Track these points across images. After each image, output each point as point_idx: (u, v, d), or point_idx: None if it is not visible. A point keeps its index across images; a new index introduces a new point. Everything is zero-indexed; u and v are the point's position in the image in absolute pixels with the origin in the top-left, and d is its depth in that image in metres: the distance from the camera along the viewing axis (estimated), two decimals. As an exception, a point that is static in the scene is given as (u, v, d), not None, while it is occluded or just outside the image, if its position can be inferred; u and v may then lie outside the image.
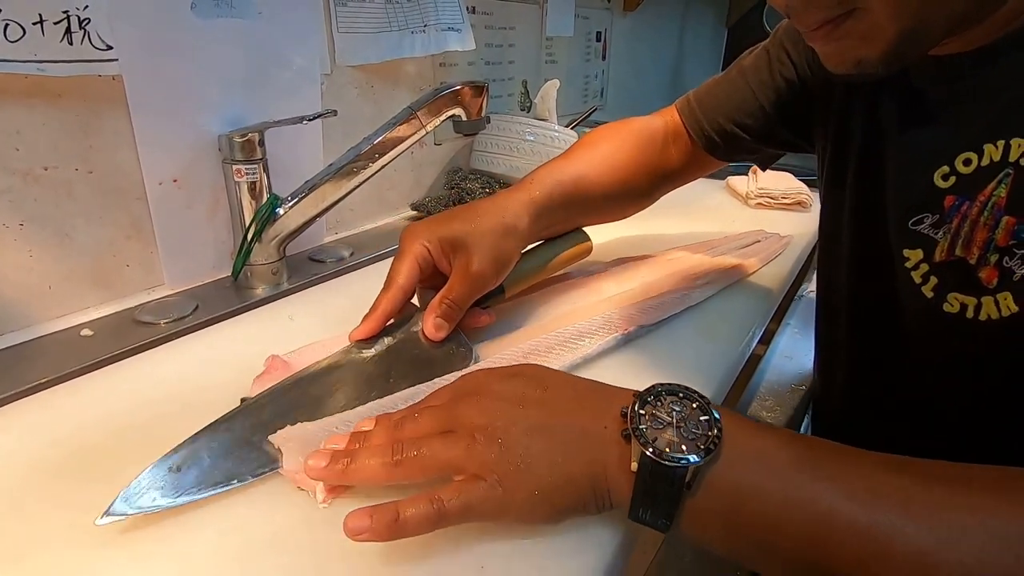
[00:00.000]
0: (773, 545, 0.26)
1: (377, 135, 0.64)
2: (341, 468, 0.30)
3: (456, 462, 0.29)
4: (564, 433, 0.29)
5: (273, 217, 0.62)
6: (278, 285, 0.66)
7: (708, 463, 0.26)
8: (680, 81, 1.81)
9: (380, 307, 0.42)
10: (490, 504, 0.27)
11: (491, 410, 0.29)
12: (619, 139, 0.58)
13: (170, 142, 0.57)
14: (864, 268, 0.42)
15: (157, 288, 0.62)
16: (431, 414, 0.32)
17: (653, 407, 0.28)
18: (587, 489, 0.28)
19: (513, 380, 0.31)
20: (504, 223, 0.45)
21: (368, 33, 0.75)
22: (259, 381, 0.40)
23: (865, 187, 0.41)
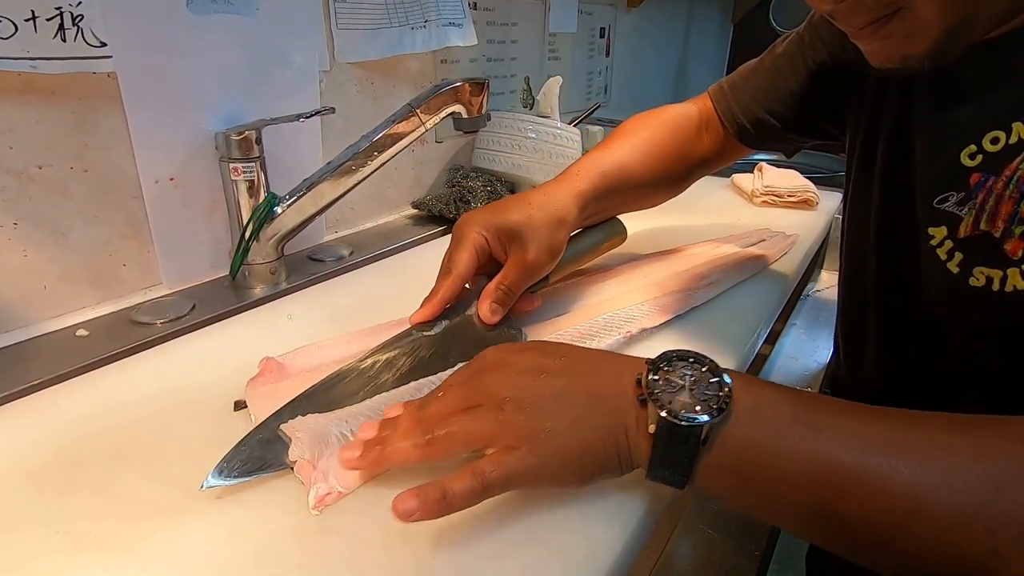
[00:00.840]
0: (781, 495, 0.27)
1: (376, 133, 0.64)
2: (375, 456, 0.31)
3: (487, 435, 0.30)
4: (585, 400, 0.30)
5: (271, 216, 0.62)
6: (276, 285, 0.65)
7: (720, 422, 0.28)
8: (685, 78, 1.79)
9: (440, 292, 0.45)
10: (527, 472, 0.29)
11: (514, 382, 0.31)
12: (656, 128, 0.58)
13: (166, 140, 0.57)
14: (891, 250, 0.42)
15: (154, 288, 0.62)
16: (454, 392, 0.32)
17: (666, 373, 0.29)
18: (612, 453, 0.30)
19: (530, 352, 0.33)
20: (556, 215, 0.48)
21: (368, 29, 0.74)
22: (252, 384, 0.40)
23: (893, 169, 0.42)
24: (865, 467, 0.26)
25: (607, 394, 0.30)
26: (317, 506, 0.31)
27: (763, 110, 0.56)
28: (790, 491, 0.27)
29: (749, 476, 0.28)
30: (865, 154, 0.45)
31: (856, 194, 0.47)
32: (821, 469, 0.26)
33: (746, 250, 0.68)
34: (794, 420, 0.28)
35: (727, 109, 0.59)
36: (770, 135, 0.57)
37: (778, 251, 0.68)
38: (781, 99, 0.54)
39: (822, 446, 0.27)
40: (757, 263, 0.64)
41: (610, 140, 0.58)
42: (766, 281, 0.62)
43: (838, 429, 0.27)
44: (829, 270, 0.96)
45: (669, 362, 0.30)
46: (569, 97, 1.21)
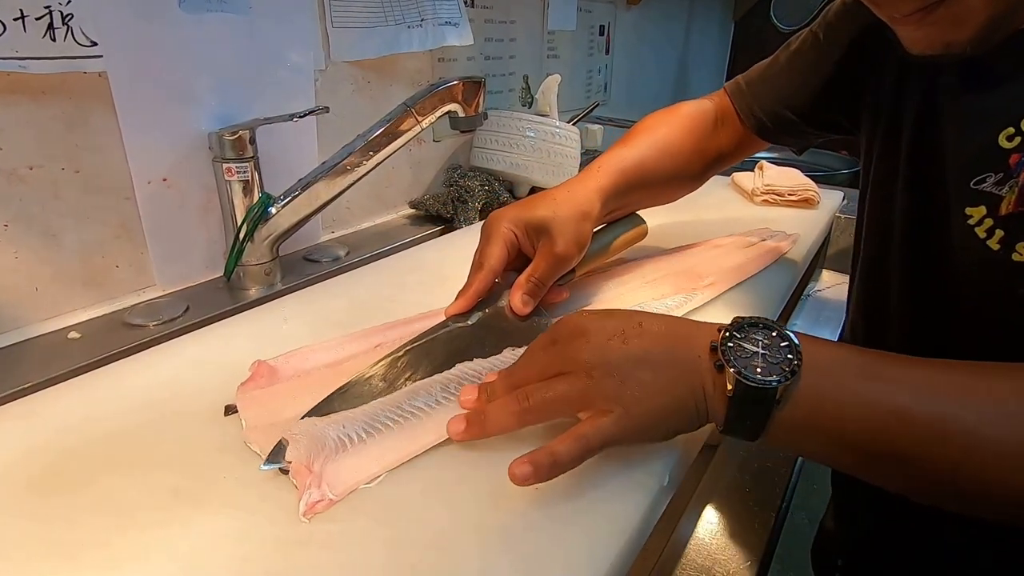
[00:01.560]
0: (848, 442, 0.30)
1: (371, 132, 0.63)
2: (479, 428, 0.34)
3: (581, 400, 0.32)
4: (666, 365, 0.32)
5: (265, 216, 0.61)
6: (272, 286, 0.65)
7: (792, 383, 0.30)
8: (686, 75, 1.78)
9: (474, 286, 0.47)
10: (622, 432, 0.32)
11: (600, 348, 0.33)
12: (673, 124, 0.60)
13: (159, 140, 0.56)
14: (920, 234, 0.43)
15: (148, 289, 0.61)
16: (542, 360, 0.35)
17: (739, 339, 0.32)
18: (691, 412, 0.32)
19: (610, 319, 0.34)
20: (581, 210, 0.50)
21: (363, 28, 0.74)
22: (243, 388, 0.39)
23: (921, 155, 0.43)
24: (925, 412, 0.29)
25: (684, 359, 0.32)
26: (307, 513, 0.30)
27: (781, 105, 0.57)
28: (856, 439, 0.30)
29: (818, 428, 0.31)
30: (887, 143, 0.46)
31: (877, 183, 0.48)
32: (885, 417, 0.29)
33: (746, 250, 0.67)
34: (859, 375, 0.31)
35: (745, 104, 0.60)
36: (787, 129, 0.58)
37: (778, 251, 0.67)
38: (798, 94, 0.55)
39: (885, 396, 0.30)
40: (757, 263, 0.63)
41: (629, 137, 0.59)
42: (766, 281, 0.62)
43: (899, 380, 0.30)
44: (830, 270, 0.95)
45: (741, 329, 0.32)
46: (568, 95, 1.20)
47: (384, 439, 0.35)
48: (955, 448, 0.28)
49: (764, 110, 0.58)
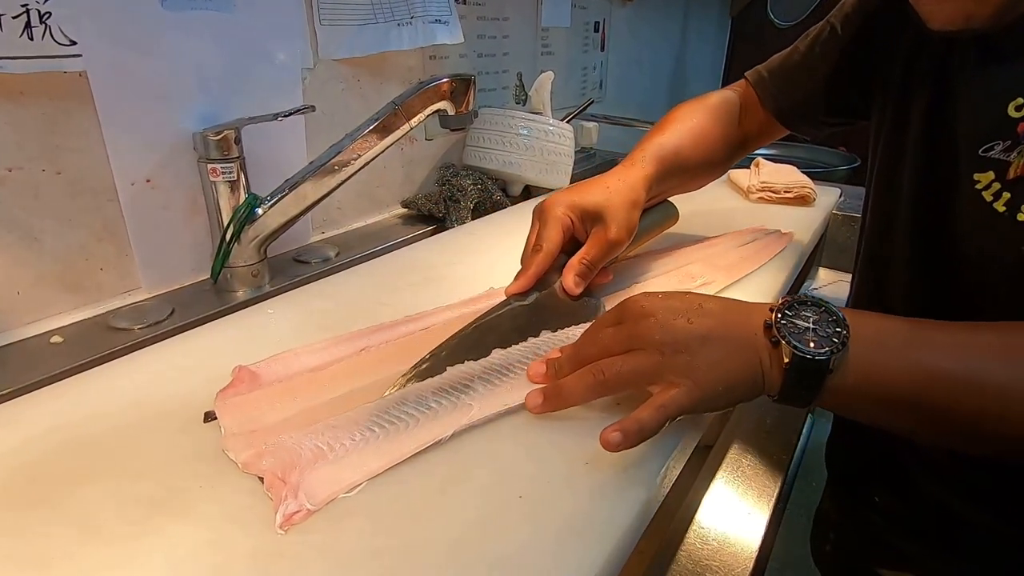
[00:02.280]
0: (894, 403, 0.34)
1: (359, 131, 0.62)
2: (556, 401, 0.37)
3: (652, 374, 0.35)
4: (728, 341, 0.35)
5: (252, 217, 0.60)
6: (260, 287, 0.64)
7: (843, 353, 0.33)
8: (683, 72, 1.77)
9: (533, 267, 0.49)
10: (693, 402, 0.34)
11: (669, 327, 0.36)
12: (703, 114, 0.63)
13: (142, 141, 0.55)
14: (929, 202, 0.46)
15: (134, 292, 0.60)
16: (612, 338, 0.37)
17: (791, 317, 0.35)
18: (750, 384, 0.35)
19: (674, 301, 0.37)
20: (631, 197, 0.53)
21: (352, 25, 0.73)
22: (223, 395, 0.38)
23: (932, 126, 0.45)
24: (963, 371, 0.33)
25: (743, 336, 0.36)
26: (284, 525, 0.30)
27: (801, 93, 0.60)
28: (902, 400, 0.33)
29: (866, 392, 0.34)
30: (897, 123, 0.49)
31: (885, 160, 0.50)
32: (927, 379, 0.33)
33: (740, 248, 0.66)
34: (902, 342, 0.34)
35: (768, 95, 0.62)
36: (807, 117, 0.61)
37: (773, 249, 0.67)
38: (817, 82, 0.58)
39: (927, 360, 0.33)
40: (751, 262, 0.62)
41: (664, 127, 0.62)
42: (761, 280, 0.61)
43: (938, 344, 0.34)
44: (827, 268, 0.94)
45: (791, 307, 0.36)
46: (564, 93, 1.19)
47: (367, 446, 0.34)
48: (991, 401, 0.32)
49: (786, 98, 0.61)
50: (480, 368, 0.40)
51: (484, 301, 0.52)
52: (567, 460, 0.35)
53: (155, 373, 0.44)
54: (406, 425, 0.36)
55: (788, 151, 1.46)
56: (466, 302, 0.52)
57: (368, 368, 0.42)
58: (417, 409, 0.37)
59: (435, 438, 0.35)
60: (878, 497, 0.55)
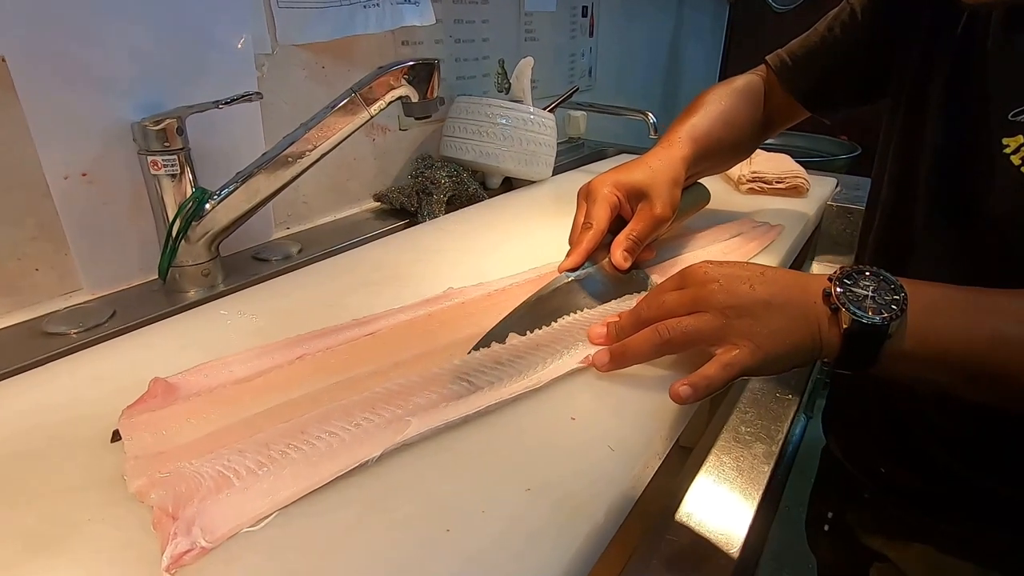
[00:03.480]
0: (950, 366, 0.35)
1: (314, 121, 0.58)
2: (621, 358, 0.39)
3: (717, 336, 0.37)
4: (789, 307, 0.37)
5: (200, 213, 0.56)
6: (212, 287, 0.60)
7: (901, 319, 0.35)
8: (678, 59, 1.71)
9: (583, 244, 0.51)
10: (755, 363, 0.36)
11: (733, 292, 0.37)
12: (732, 97, 0.64)
13: (74, 131, 0.51)
14: (952, 168, 0.46)
15: (75, 293, 0.57)
16: (675, 301, 0.39)
17: (850, 285, 0.36)
18: (808, 350, 0.37)
19: (735, 268, 0.39)
20: (672, 176, 0.54)
21: (313, 8, 0.68)
22: (130, 411, 0.34)
23: (956, 97, 0.46)
24: (1016, 334, 0.34)
25: (803, 303, 0.37)
26: (171, 567, 0.26)
27: (822, 75, 0.61)
28: (958, 363, 0.35)
29: (924, 357, 0.35)
30: (916, 99, 0.50)
31: (904, 136, 0.51)
32: (982, 342, 0.34)
33: (725, 243, 0.62)
34: (957, 308, 0.36)
35: (790, 78, 0.63)
36: (829, 99, 0.63)
37: (760, 243, 0.62)
38: (838, 64, 0.60)
39: (981, 324, 0.35)
40: (736, 258, 0.58)
41: (695, 110, 0.63)
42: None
43: (991, 309, 0.35)
44: (821, 261, 0.90)
45: (849, 276, 0.37)
46: (550, 81, 1.14)
47: (281, 471, 0.31)
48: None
49: (807, 82, 0.63)
50: (419, 378, 0.37)
51: (441, 302, 0.48)
52: (506, 487, 0.31)
53: (70, 385, 0.40)
54: (328, 446, 0.32)
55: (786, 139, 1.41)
56: (420, 304, 0.48)
57: (301, 378, 0.38)
58: (343, 427, 0.33)
59: (358, 461, 0.31)
60: (884, 468, 0.55)
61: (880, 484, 0.56)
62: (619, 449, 0.34)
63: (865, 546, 0.57)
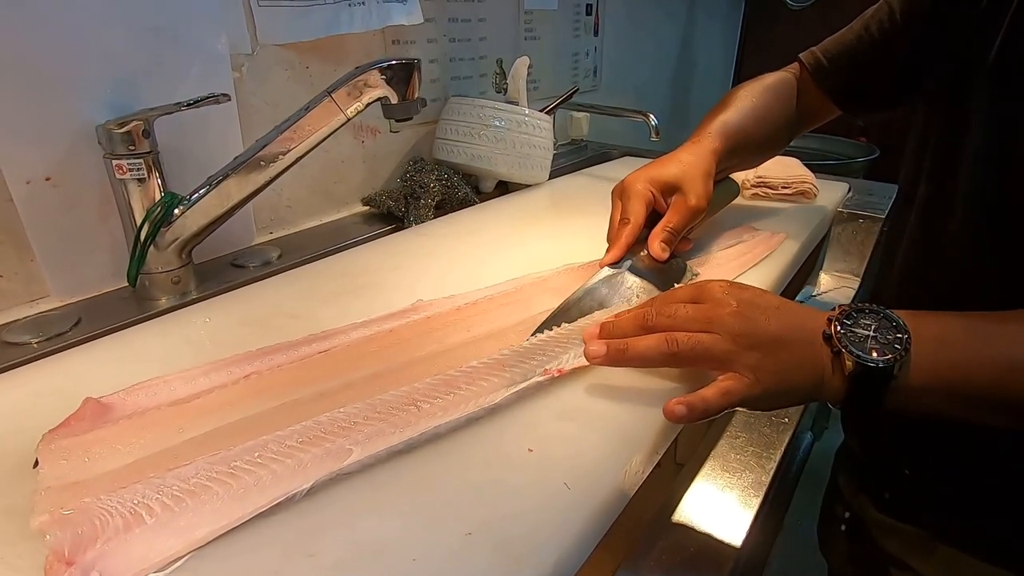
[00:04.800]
0: (962, 396, 0.35)
1: (287, 123, 0.56)
2: (621, 355, 0.37)
3: (724, 360, 0.36)
4: (797, 347, 0.36)
5: (169, 219, 0.54)
6: (184, 294, 0.58)
7: (906, 358, 0.34)
8: (690, 56, 1.66)
9: (623, 239, 0.52)
10: (754, 398, 0.36)
11: (749, 321, 0.36)
12: (764, 94, 0.64)
13: (35, 134, 0.50)
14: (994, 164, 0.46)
15: (42, 301, 0.55)
16: (686, 314, 0.38)
17: (850, 326, 0.36)
18: (811, 390, 0.37)
19: (753, 295, 0.38)
20: (704, 169, 0.55)
21: (295, 7, 0.66)
22: (52, 436, 0.32)
23: (1008, 79, 0.45)
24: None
25: (808, 343, 0.36)
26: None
27: (857, 75, 0.61)
28: (971, 392, 0.35)
29: (934, 390, 0.35)
30: (957, 97, 0.49)
31: (945, 133, 0.50)
32: (994, 370, 0.34)
33: (720, 253, 0.58)
34: (967, 339, 0.35)
35: (824, 77, 0.63)
36: (863, 99, 0.62)
37: (759, 253, 0.59)
38: (874, 64, 0.59)
39: (995, 353, 0.34)
40: (730, 269, 0.55)
41: (727, 105, 0.63)
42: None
43: (1000, 336, 0.35)
44: (830, 272, 0.85)
45: (849, 316, 0.36)
46: (551, 81, 1.11)
47: (200, 507, 0.28)
48: None
49: (842, 81, 0.62)
50: (363, 405, 0.34)
51: (407, 316, 0.46)
52: (445, 530, 0.28)
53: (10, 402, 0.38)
54: (256, 479, 0.29)
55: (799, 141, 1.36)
56: (384, 318, 0.45)
57: (242, 400, 0.35)
58: (274, 458, 0.30)
59: (285, 493, 0.29)
60: (908, 470, 0.55)
61: (903, 484, 0.56)
62: (577, 487, 0.31)
63: (883, 548, 0.57)
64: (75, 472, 0.30)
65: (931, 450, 0.52)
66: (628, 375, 0.40)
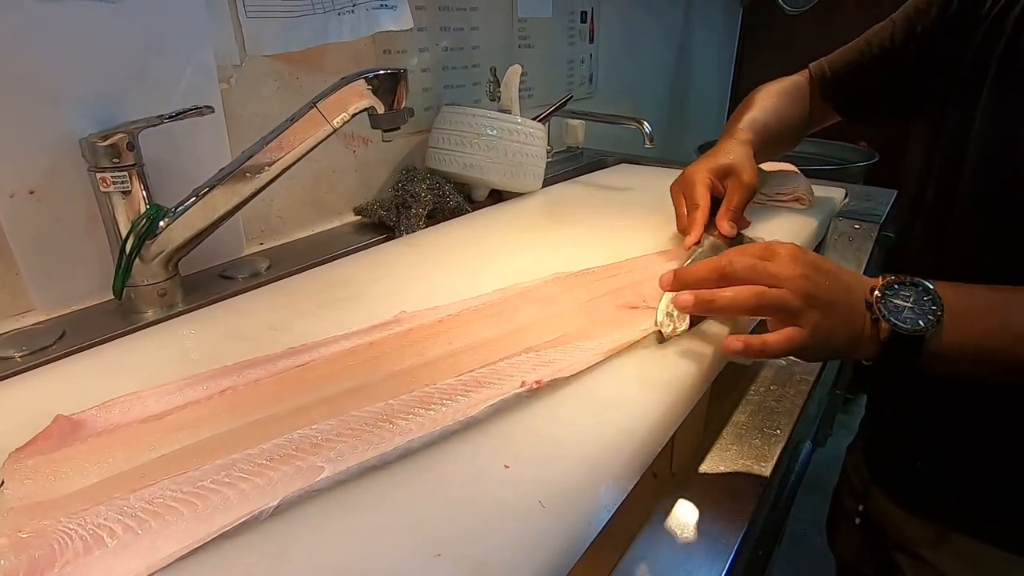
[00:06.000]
0: (988, 360, 0.40)
1: (273, 135, 0.56)
2: (709, 304, 0.42)
3: (793, 313, 0.40)
4: (845, 309, 0.41)
5: (154, 231, 0.54)
6: (171, 306, 0.58)
7: (937, 328, 0.39)
8: (686, 66, 1.66)
9: (697, 221, 0.58)
10: (806, 350, 0.40)
11: (816, 284, 0.40)
12: (783, 95, 0.71)
13: (17, 147, 0.50)
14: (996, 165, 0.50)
15: (27, 314, 0.55)
16: (767, 270, 0.41)
17: (891, 297, 0.40)
18: (851, 349, 0.41)
19: (817, 260, 0.42)
20: (748, 153, 0.63)
21: (284, 17, 0.66)
22: (18, 455, 0.32)
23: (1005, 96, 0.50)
24: None
25: (854, 308, 0.41)
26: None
27: (859, 87, 0.67)
28: (997, 357, 0.39)
29: (963, 356, 0.40)
30: (965, 98, 0.53)
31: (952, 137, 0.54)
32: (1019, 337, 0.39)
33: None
34: (994, 307, 0.40)
35: (827, 87, 0.70)
36: (863, 109, 0.69)
37: (750, 262, 0.58)
38: (874, 80, 0.65)
39: (1015, 320, 0.39)
40: (719, 278, 0.54)
41: (752, 105, 0.70)
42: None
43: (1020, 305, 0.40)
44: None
45: (891, 287, 0.41)
46: (546, 89, 1.11)
47: (164, 528, 0.27)
48: None
49: (844, 93, 0.69)
50: (337, 422, 0.33)
51: (389, 328, 0.45)
52: (414, 551, 0.27)
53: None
54: (223, 499, 0.29)
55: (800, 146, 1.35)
56: (365, 330, 0.45)
57: (215, 417, 0.35)
58: (243, 477, 0.30)
59: (251, 512, 0.28)
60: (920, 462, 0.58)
61: (916, 475, 0.59)
62: (552, 505, 0.30)
63: (895, 539, 0.60)
64: (40, 492, 0.29)
65: (944, 442, 0.56)
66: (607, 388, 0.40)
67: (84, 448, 0.32)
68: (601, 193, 0.87)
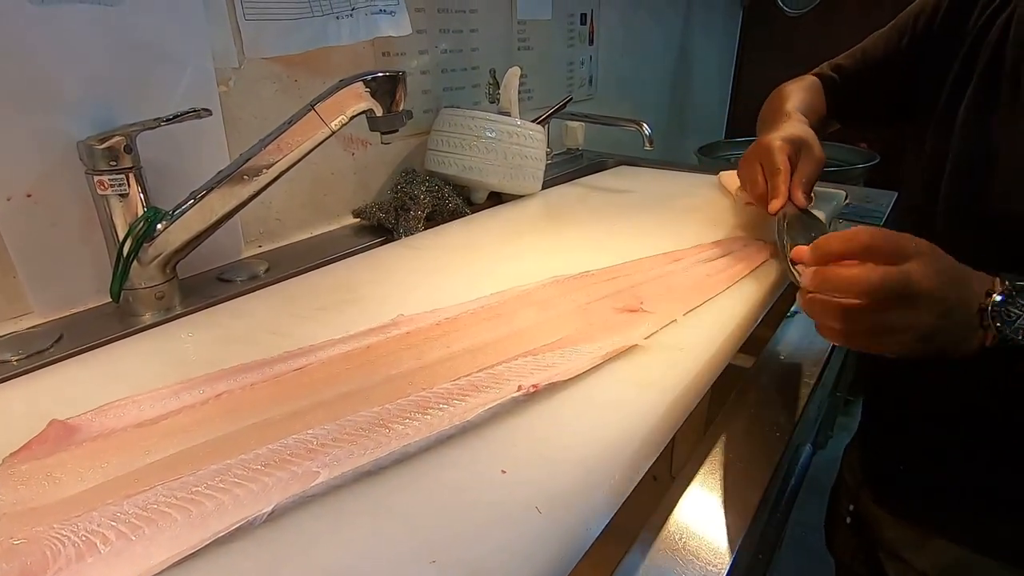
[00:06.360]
0: None
1: (270, 137, 0.56)
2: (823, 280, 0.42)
3: (896, 345, 0.40)
4: (948, 308, 0.39)
5: (151, 234, 0.54)
6: (169, 309, 0.58)
7: None
8: (687, 68, 1.66)
9: (781, 185, 0.59)
10: (910, 352, 0.40)
11: (924, 325, 0.39)
12: (808, 91, 0.74)
13: (15, 151, 0.50)
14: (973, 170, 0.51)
15: (25, 317, 0.55)
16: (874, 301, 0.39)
17: (1008, 305, 0.39)
18: (950, 350, 0.41)
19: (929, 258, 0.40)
20: (812, 133, 0.64)
21: (282, 20, 0.66)
22: (11, 460, 0.32)
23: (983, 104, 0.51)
24: None
25: (962, 309, 0.40)
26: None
27: (852, 95, 0.71)
28: None
29: None
30: (946, 110, 0.55)
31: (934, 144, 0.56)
32: None
33: (707, 265, 0.57)
34: None
35: (833, 98, 0.73)
36: (856, 115, 0.73)
37: (747, 266, 0.57)
38: (867, 88, 0.69)
39: None
40: (717, 283, 0.54)
41: (785, 99, 0.73)
42: (726, 304, 0.52)
43: None
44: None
45: (1010, 296, 0.39)
46: (546, 91, 1.11)
47: (158, 535, 0.27)
48: None
49: (839, 98, 0.72)
50: (333, 426, 0.33)
51: (387, 331, 0.45)
52: (409, 558, 0.27)
53: None
54: (217, 505, 0.29)
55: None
56: (363, 333, 0.44)
57: (211, 421, 0.35)
58: (237, 482, 0.30)
59: (245, 518, 0.28)
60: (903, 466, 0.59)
61: (898, 480, 0.61)
62: (550, 509, 0.30)
63: (881, 541, 0.61)
64: (33, 498, 0.29)
65: (928, 448, 0.57)
66: (605, 392, 0.39)
67: (78, 453, 0.32)
68: (600, 195, 0.87)
